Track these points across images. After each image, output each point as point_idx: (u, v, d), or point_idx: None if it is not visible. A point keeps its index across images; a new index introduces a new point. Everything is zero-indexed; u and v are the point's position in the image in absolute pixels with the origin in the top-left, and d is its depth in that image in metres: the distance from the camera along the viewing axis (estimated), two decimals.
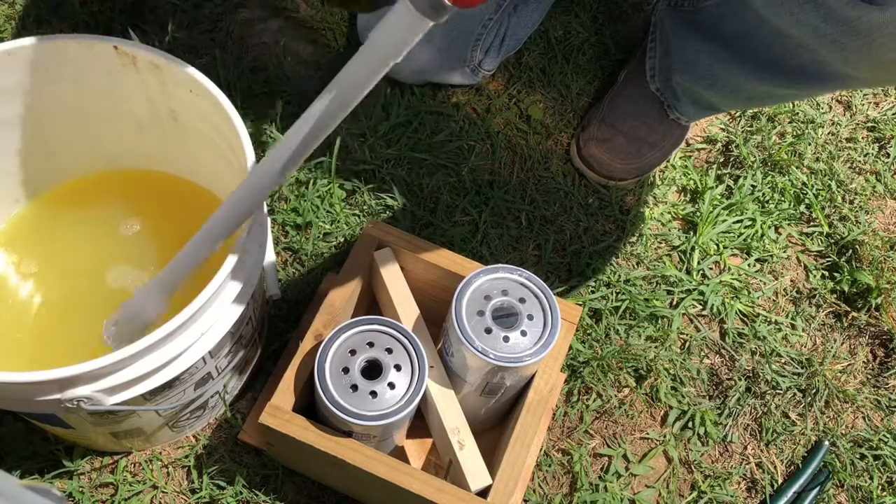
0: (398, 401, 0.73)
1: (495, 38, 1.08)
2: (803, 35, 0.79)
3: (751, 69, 0.90)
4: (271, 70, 1.11)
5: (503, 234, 1.04)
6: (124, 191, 0.94)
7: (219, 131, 0.80)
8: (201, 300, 0.67)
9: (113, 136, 0.89)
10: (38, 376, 0.63)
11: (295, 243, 1.00)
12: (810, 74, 0.84)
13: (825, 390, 0.99)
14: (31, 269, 0.90)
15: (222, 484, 0.87)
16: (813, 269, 1.08)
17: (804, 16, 0.76)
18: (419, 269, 0.85)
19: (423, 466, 0.89)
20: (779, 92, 0.92)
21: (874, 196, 1.15)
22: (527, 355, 0.74)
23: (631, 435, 0.96)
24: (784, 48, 0.83)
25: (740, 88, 0.95)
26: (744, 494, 0.94)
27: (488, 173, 1.09)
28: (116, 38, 0.77)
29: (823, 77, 0.83)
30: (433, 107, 1.11)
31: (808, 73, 0.84)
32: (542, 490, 0.91)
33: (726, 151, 1.15)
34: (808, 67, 0.83)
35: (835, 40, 0.75)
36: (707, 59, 0.95)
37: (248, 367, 0.89)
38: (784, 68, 0.86)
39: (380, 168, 1.06)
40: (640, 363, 0.98)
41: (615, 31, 1.20)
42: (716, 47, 0.94)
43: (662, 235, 1.07)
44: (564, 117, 1.14)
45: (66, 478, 0.87)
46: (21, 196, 0.92)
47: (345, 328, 0.75)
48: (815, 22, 0.75)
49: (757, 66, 0.89)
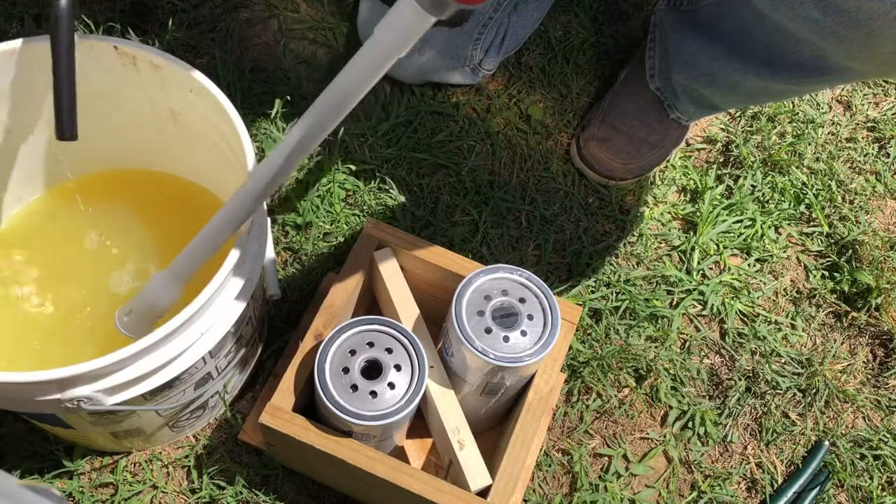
0: (398, 401, 0.73)
1: (495, 38, 1.08)
2: (802, 29, 0.79)
3: (749, 66, 0.90)
4: (271, 70, 1.11)
5: (503, 234, 1.04)
6: (124, 191, 0.94)
7: (219, 131, 0.80)
8: (201, 300, 0.67)
9: (113, 136, 0.89)
10: (38, 376, 0.63)
11: (295, 243, 1.00)
12: (809, 69, 0.84)
13: (825, 390, 0.99)
14: (31, 268, 0.90)
15: (222, 484, 0.87)
16: (813, 269, 1.08)
17: (803, 9, 0.76)
18: (419, 269, 0.85)
19: (423, 466, 0.89)
20: (777, 87, 0.92)
21: (874, 196, 1.15)
22: (527, 355, 0.74)
23: (631, 435, 0.96)
24: (783, 44, 0.84)
25: (739, 86, 0.95)
26: (744, 494, 0.94)
27: (488, 173, 1.09)
28: (116, 38, 0.77)
29: (823, 70, 0.83)
30: (433, 107, 1.11)
31: (807, 67, 0.84)
32: (542, 490, 0.91)
33: (726, 151, 1.15)
34: (806, 62, 0.83)
35: (834, 32, 0.75)
36: (706, 58, 0.95)
37: (248, 367, 0.89)
38: (783, 64, 0.86)
39: (380, 168, 1.06)
40: (640, 363, 0.98)
41: (615, 31, 1.20)
42: (714, 45, 0.94)
43: (662, 235, 1.07)
44: (564, 117, 1.14)
45: (66, 478, 0.87)
46: (22, 196, 0.92)
47: (345, 328, 0.75)
48: (814, 15, 0.75)
49: (755, 62, 0.89)
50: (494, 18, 1.05)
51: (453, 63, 1.07)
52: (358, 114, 1.09)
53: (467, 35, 1.04)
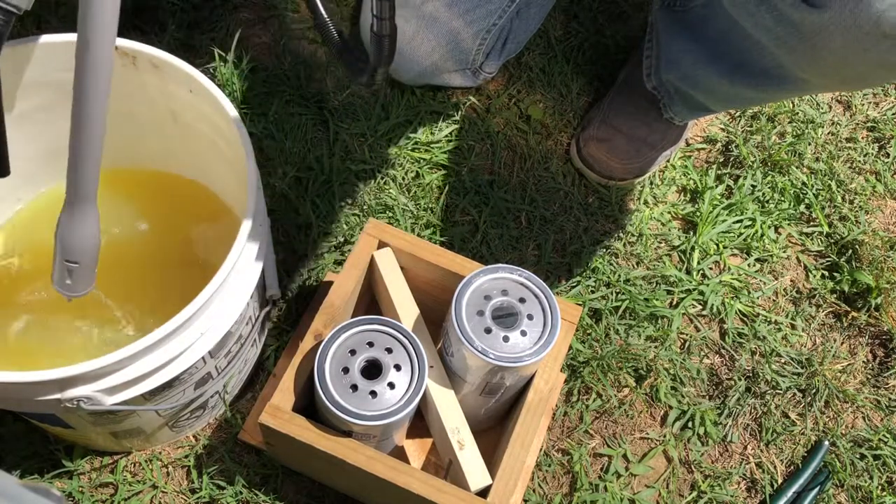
0: (398, 401, 0.73)
1: (497, 42, 1.08)
2: (762, 37, 0.80)
3: (724, 70, 0.92)
4: (271, 70, 1.11)
5: (503, 234, 1.04)
6: (124, 190, 0.94)
7: (219, 131, 0.80)
8: (201, 300, 0.67)
9: (113, 135, 0.89)
10: (38, 376, 0.63)
11: (295, 243, 1.00)
12: (773, 77, 0.86)
13: (825, 390, 0.99)
14: (31, 268, 0.90)
15: (222, 484, 0.87)
16: (813, 269, 1.08)
17: (761, 17, 0.78)
18: (419, 269, 0.85)
19: (423, 466, 0.89)
20: (747, 94, 0.94)
21: (874, 196, 1.15)
22: (527, 355, 0.74)
23: (631, 435, 0.96)
24: (752, 50, 0.85)
25: (716, 90, 0.96)
26: (744, 494, 0.94)
27: (488, 173, 1.09)
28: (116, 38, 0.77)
29: (783, 80, 0.85)
30: (433, 106, 1.11)
31: (771, 76, 0.85)
32: (542, 490, 0.91)
33: (726, 151, 1.15)
34: (770, 70, 0.85)
35: (786, 42, 0.77)
36: (690, 59, 0.96)
37: (247, 366, 0.89)
38: (752, 71, 0.87)
39: (380, 168, 1.06)
40: (639, 363, 0.98)
41: (615, 31, 1.20)
42: (698, 47, 0.94)
43: (662, 235, 1.07)
44: (564, 117, 1.14)
45: (66, 478, 0.87)
46: (22, 195, 0.92)
47: (345, 328, 0.75)
48: (769, 24, 0.77)
49: (730, 67, 0.91)
50: (498, 25, 1.06)
51: (455, 67, 1.07)
52: (358, 114, 1.09)
53: (471, 40, 1.04)
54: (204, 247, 0.92)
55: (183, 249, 0.92)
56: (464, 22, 1.03)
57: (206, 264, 0.89)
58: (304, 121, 1.08)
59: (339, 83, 1.12)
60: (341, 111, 1.10)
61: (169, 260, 0.91)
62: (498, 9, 1.04)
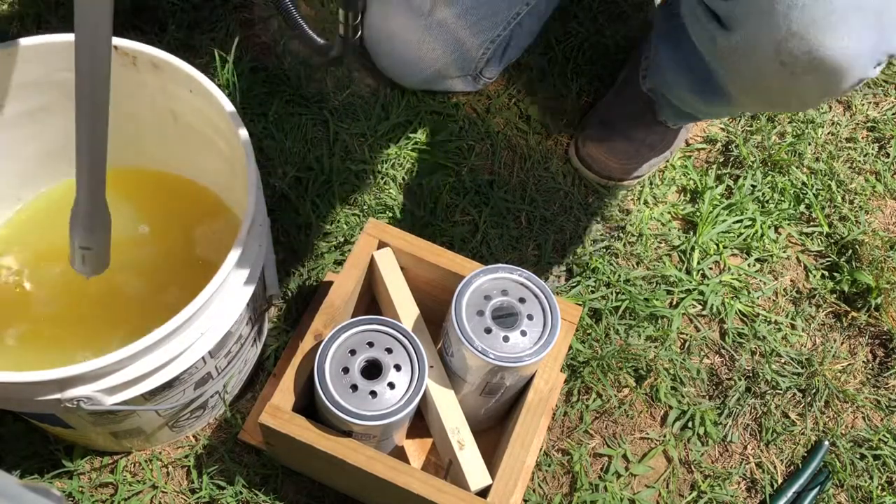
0: (398, 401, 0.73)
1: (498, 48, 1.09)
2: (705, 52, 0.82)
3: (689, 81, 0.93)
4: (271, 70, 1.11)
5: (503, 234, 1.04)
6: (124, 190, 0.94)
7: (219, 131, 0.80)
8: (201, 300, 0.67)
9: (113, 135, 0.89)
10: (38, 376, 0.63)
11: (295, 243, 1.00)
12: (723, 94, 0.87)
13: (825, 390, 0.99)
14: (31, 267, 0.90)
15: (222, 484, 0.87)
16: (813, 269, 1.08)
17: (700, 33, 0.80)
18: (419, 269, 0.85)
19: (423, 466, 0.89)
20: (703, 109, 0.96)
21: (874, 196, 1.15)
22: (527, 355, 0.74)
23: (631, 435, 0.96)
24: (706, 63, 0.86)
25: (684, 99, 0.98)
26: (744, 494, 0.94)
27: (488, 173, 1.09)
28: (116, 38, 0.77)
29: (729, 97, 0.86)
30: (433, 107, 1.12)
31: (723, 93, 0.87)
32: (542, 490, 0.91)
33: (726, 151, 1.15)
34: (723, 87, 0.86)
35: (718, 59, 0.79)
36: (671, 66, 0.96)
37: (247, 367, 0.89)
38: (710, 86, 0.88)
39: (380, 168, 1.06)
40: (639, 363, 0.98)
41: (615, 31, 1.20)
42: (677, 56, 0.95)
43: (662, 235, 1.07)
44: (564, 117, 1.14)
45: (66, 478, 0.87)
46: (22, 195, 0.92)
47: (345, 328, 0.75)
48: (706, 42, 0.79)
49: (696, 80, 0.92)
50: (503, 36, 1.07)
51: (458, 73, 1.08)
52: (358, 114, 1.09)
53: (476, 49, 1.05)
54: (204, 247, 0.92)
55: (183, 249, 0.92)
56: (470, 32, 1.04)
57: (206, 264, 0.89)
58: (304, 121, 1.08)
59: (339, 83, 1.12)
60: (341, 111, 1.10)
61: (169, 260, 0.91)
62: (503, 20, 1.05)
